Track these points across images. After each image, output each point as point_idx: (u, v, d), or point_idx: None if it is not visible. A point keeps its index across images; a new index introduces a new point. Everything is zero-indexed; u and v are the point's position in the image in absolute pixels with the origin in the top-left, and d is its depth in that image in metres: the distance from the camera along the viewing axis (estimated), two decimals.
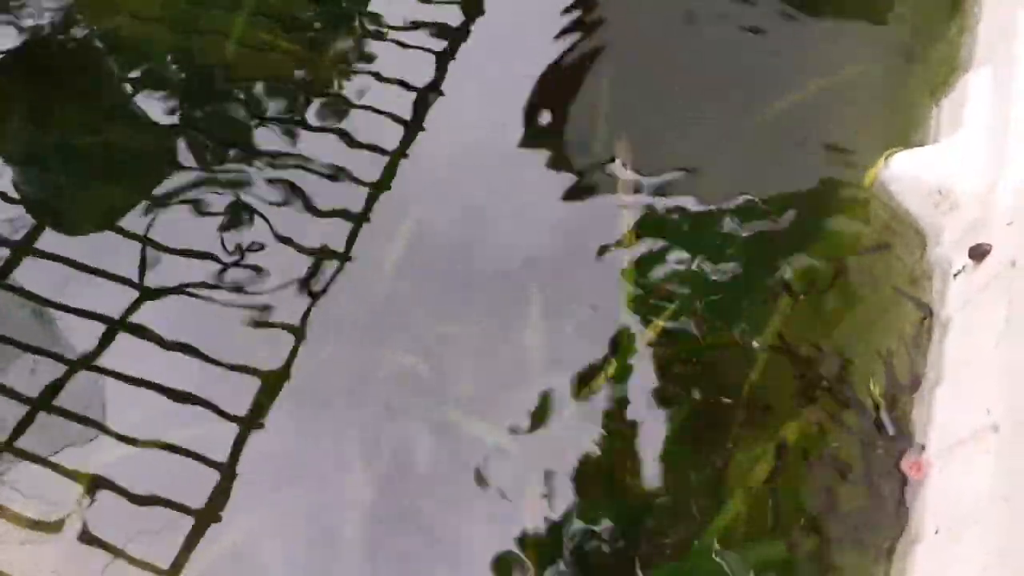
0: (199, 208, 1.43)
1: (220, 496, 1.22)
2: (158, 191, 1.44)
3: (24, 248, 1.40)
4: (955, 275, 1.24)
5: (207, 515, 1.21)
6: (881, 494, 1.17)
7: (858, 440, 1.20)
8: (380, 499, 1.21)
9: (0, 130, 1.51)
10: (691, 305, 1.31)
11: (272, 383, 1.29)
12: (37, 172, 1.49)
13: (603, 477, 1.22)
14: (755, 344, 1.28)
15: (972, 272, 1.21)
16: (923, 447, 1.15)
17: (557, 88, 1.52)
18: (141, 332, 1.33)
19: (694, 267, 1.34)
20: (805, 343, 1.27)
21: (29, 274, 1.39)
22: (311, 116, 1.52)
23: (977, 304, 1.18)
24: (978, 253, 1.20)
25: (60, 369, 1.31)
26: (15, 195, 1.46)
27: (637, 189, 1.41)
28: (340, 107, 1.52)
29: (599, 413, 1.25)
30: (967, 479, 1.08)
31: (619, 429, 1.24)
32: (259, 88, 1.54)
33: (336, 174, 1.45)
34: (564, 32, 1.57)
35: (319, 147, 1.48)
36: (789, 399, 1.24)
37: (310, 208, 1.42)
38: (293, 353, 1.31)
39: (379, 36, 1.59)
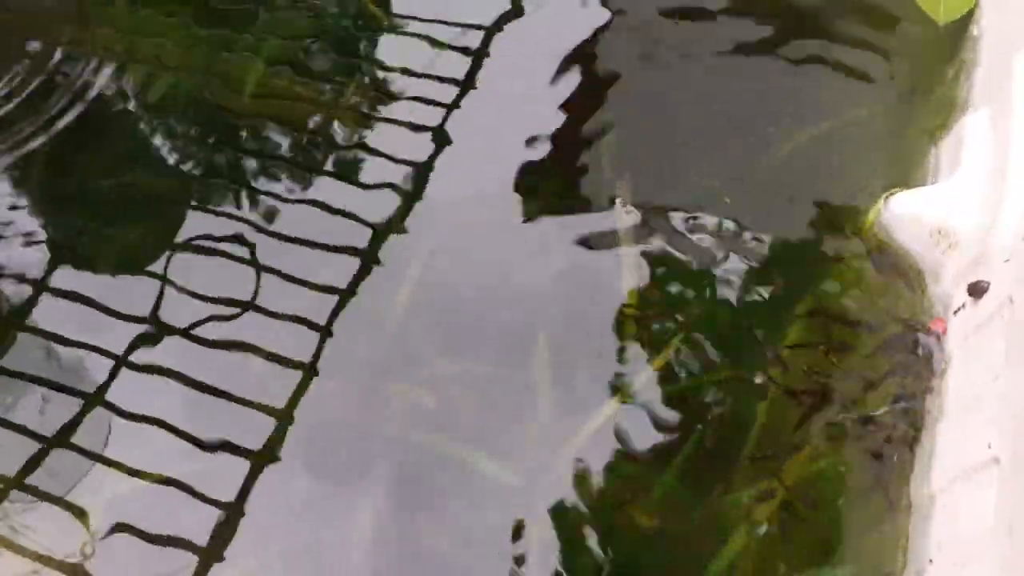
0: (214, 249, 1.46)
1: (226, 532, 1.23)
2: (175, 233, 1.47)
3: (43, 287, 1.43)
4: (955, 312, 1.26)
5: (213, 551, 1.22)
6: (888, 525, 1.17)
7: (864, 472, 1.21)
8: (386, 534, 1.22)
9: (24, 172, 1.55)
10: (694, 341, 1.33)
11: (281, 419, 1.31)
12: (58, 213, 1.53)
13: (607, 512, 1.23)
14: (758, 380, 1.29)
15: (971, 309, 1.23)
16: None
17: (562, 134, 1.55)
18: (152, 369, 1.36)
19: (697, 303, 1.36)
20: (809, 378, 1.28)
21: (46, 313, 1.42)
22: (325, 160, 1.55)
23: (977, 340, 1.19)
24: (977, 290, 1.22)
25: (72, 405, 1.33)
26: (37, 235, 1.50)
27: (639, 230, 1.43)
28: (353, 152, 1.56)
29: (603, 449, 1.26)
30: (970, 512, 1.08)
31: (623, 464, 1.25)
32: (275, 133, 1.59)
33: (349, 216, 1.49)
34: (569, 81, 1.61)
35: (333, 190, 1.52)
36: (794, 434, 1.25)
37: (323, 248, 1.45)
38: (303, 389, 1.33)
39: (392, 84, 1.63)
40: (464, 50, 1.66)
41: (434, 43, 1.67)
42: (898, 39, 1.60)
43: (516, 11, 1.71)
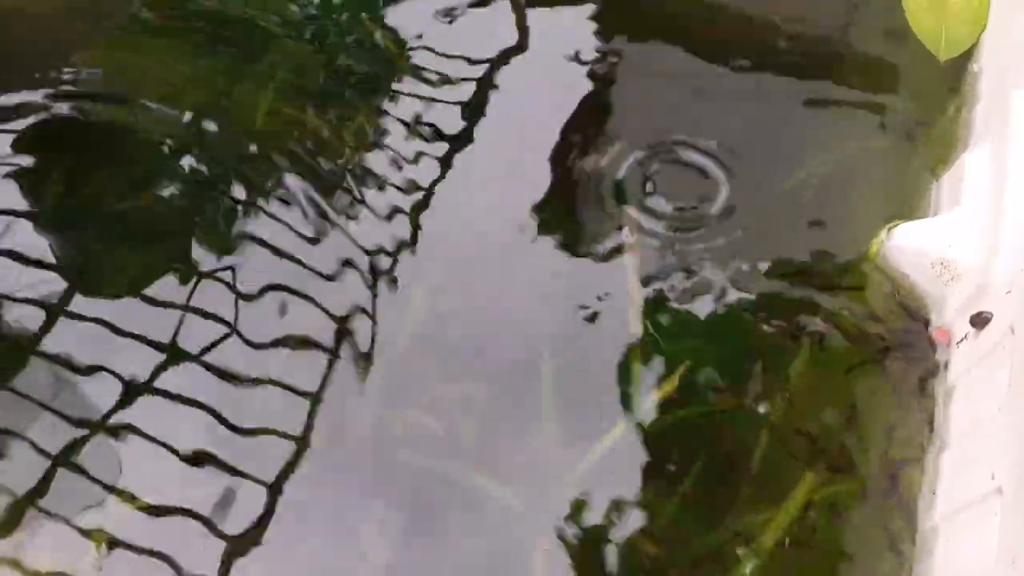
0: (224, 274, 1.47)
1: (233, 558, 1.24)
2: (186, 257, 1.49)
3: (51, 310, 1.44)
4: (958, 343, 1.27)
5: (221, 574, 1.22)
6: (892, 554, 1.18)
7: (868, 501, 1.22)
8: (390, 559, 1.23)
9: (36, 195, 1.57)
10: (699, 370, 1.34)
11: (285, 443, 1.31)
12: (69, 236, 1.54)
13: (612, 539, 1.23)
14: (762, 409, 1.30)
15: (974, 340, 1.24)
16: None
17: (568, 163, 1.57)
18: (163, 393, 1.36)
19: (702, 332, 1.37)
20: (813, 407, 1.30)
21: (56, 336, 1.43)
22: (333, 188, 1.57)
23: (980, 370, 1.20)
24: (979, 321, 1.23)
25: (81, 429, 1.34)
26: (46, 258, 1.51)
27: (645, 258, 1.45)
28: (361, 180, 1.58)
29: (608, 476, 1.27)
30: (973, 543, 1.09)
31: (628, 491, 1.26)
32: (284, 161, 1.60)
33: (355, 241, 1.50)
34: (575, 111, 1.63)
35: (340, 217, 1.53)
36: (798, 462, 1.25)
37: (330, 274, 1.47)
38: (311, 414, 1.33)
39: (400, 114, 1.65)
40: (471, 80, 1.68)
41: (441, 73, 1.69)
42: (899, 75, 1.63)
43: (522, 42, 1.73)
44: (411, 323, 1.40)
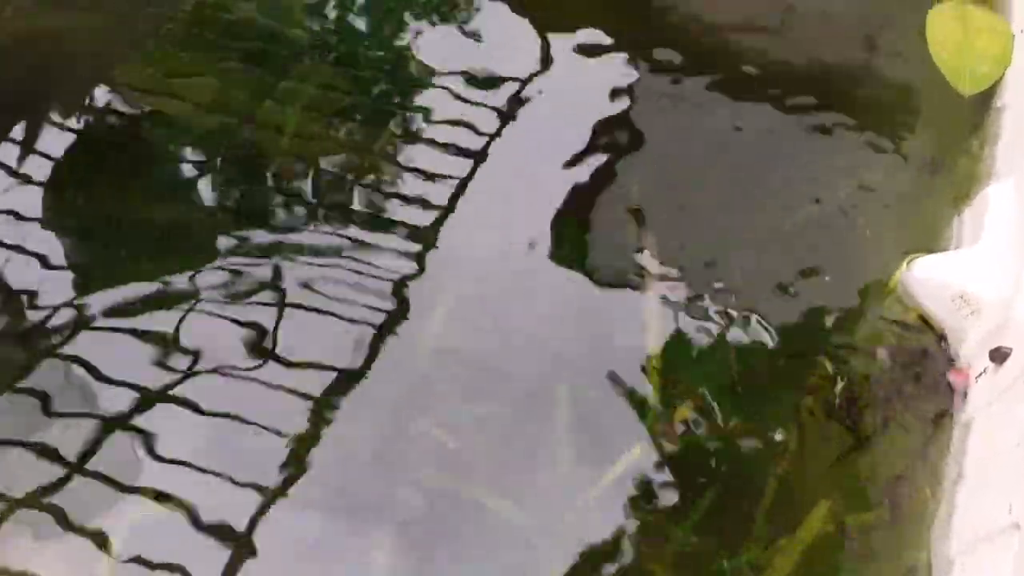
0: (242, 286, 1.49)
1: (243, 565, 1.24)
2: (204, 269, 1.50)
3: (71, 314, 1.46)
4: (977, 377, 1.27)
5: None
6: None
7: (883, 533, 1.21)
8: (400, 572, 1.23)
9: (59, 205, 1.59)
10: (715, 396, 1.34)
11: (301, 455, 1.32)
12: (88, 245, 1.56)
13: (623, 563, 1.23)
14: (777, 437, 1.30)
15: (994, 374, 1.24)
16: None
17: (587, 187, 1.58)
18: (176, 400, 1.37)
19: (718, 358, 1.37)
20: (829, 435, 1.29)
21: (72, 342, 1.44)
22: (356, 205, 1.58)
23: (999, 404, 1.20)
24: (999, 355, 1.23)
25: (94, 432, 1.35)
26: (69, 263, 1.53)
27: (662, 283, 1.45)
28: (384, 198, 1.60)
29: (621, 499, 1.26)
30: None
31: (640, 516, 1.25)
32: (308, 177, 1.62)
33: (377, 260, 1.51)
34: (596, 135, 1.64)
35: (362, 234, 1.55)
36: (813, 490, 1.25)
37: (351, 288, 1.48)
38: (325, 426, 1.34)
39: (423, 133, 1.67)
40: (493, 103, 1.70)
41: (464, 95, 1.71)
42: (922, 109, 1.64)
43: (545, 65, 1.75)
44: (429, 341, 1.41)
